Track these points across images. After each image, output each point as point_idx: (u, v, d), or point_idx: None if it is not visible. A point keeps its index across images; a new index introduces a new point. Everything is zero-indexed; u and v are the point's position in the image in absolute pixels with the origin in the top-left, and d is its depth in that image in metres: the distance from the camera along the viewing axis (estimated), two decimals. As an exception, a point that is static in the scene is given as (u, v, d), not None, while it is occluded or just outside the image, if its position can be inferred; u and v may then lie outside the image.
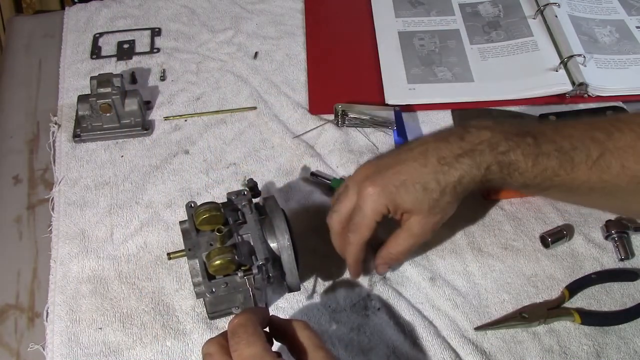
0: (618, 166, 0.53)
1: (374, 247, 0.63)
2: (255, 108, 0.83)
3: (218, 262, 0.54)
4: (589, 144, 0.54)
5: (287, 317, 0.63)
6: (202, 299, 0.60)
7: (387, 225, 0.61)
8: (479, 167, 0.54)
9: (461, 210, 0.71)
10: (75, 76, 0.88)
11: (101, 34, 0.93)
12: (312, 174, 0.75)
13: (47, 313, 0.65)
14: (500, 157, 0.54)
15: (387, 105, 0.82)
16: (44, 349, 0.62)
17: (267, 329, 0.50)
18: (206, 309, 0.60)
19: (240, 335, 0.46)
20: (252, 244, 0.57)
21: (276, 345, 0.50)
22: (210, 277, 0.56)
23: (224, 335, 0.48)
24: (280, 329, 0.50)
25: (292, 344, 0.48)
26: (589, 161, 0.54)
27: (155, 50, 0.91)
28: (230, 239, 0.57)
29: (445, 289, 0.65)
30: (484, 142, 0.55)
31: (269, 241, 0.58)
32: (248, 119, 0.82)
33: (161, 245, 0.70)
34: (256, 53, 0.91)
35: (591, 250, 0.68)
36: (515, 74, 0.85)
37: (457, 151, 0.55)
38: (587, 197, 0.58)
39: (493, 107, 0.82)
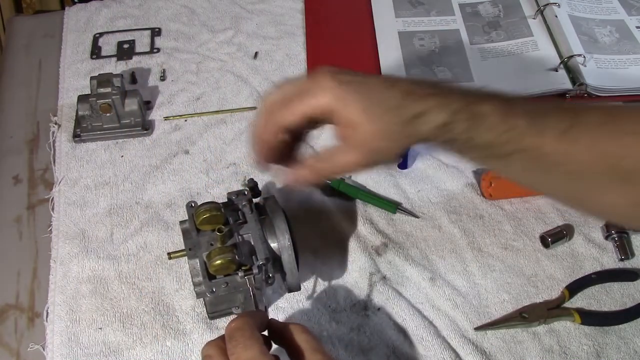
0: (587, 140, 0.50)
1: None
2: (255, 108, 0.83)
3: (219, 261, 0.54)
4: (560, 113, 0.51)
5: (287, 317, 0.64)
6: (202, 299, 0.60)
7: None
8: (446, 107, 0.50)
9: (461, 210, 0.72)
10: (75, 76, 0.88)
11: (101, 34, 0.93)
12: (312, 174, 0.75)
13: (47, 313, 0.65)
14: (471, 105, 0.50)
15: (387, 105, 0.82)
16: (44, 349, 0.62)
17: (265, 332, 0.50)
18: (206, 309, 0.60)
19: (238, 339, 0.46)
20: (252, 243, 0.57)
21: (274, 348, 0.50)
22: (210, 277, 0.56)
23: (223, 338, 0.48)
24: (279, 332, 0.49)
25: (290, 347, 0.48)
26: (558, 129, 0.50)
27: (155, 50, 0.91)
28: (231, 239, 0.57)
29: (445, 289, 0.65)
30: (455, 89, 0.51)
31: (269, 241, 0.58)
32: (248, 119, 0.82)
33: (161, 245, 0.70)
34: (256, 53, 0.91)
35: (591, 250, 0.68)
36: (515, 74, 0.85)
37: (427, 90, 0.51)
38: (548, 176, 0.53)
39: (493, 107, 0.82)
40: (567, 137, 0.50)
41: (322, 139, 0.79)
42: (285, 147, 0.54)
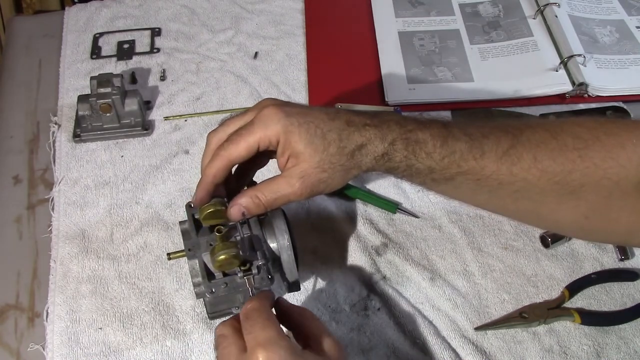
0: (529, 159, 0.51)
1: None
2: (255, 108, 0.83)
3: (222, 257, 0.53)
4: (501, 135, 0.53)
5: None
6: (202, 299, 0.60)
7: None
8: (384, 139, 0.52)
9: (461, 210, 0.72)
10: (75, 76, 0.88)
11: (101, 34, 0.93)
12: (312, 174, 0.75)
13: (47, 313, 0.65)
14: (408, 133, 0.52)
15: (387, 105, 0.82)
16: (44, 349, 0.62)
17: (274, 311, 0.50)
18: (206, 309, 0.60)
19: (255, 319, 0.46)
20: (251, 243, 0.57)
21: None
22: (210, 277, 0.55)
23: (237, 318, 0.48)
24: (286, 314, 0.50)
25: (299, 330, 0.49)
26: (499, 150, 0.52)
27: (155, 50, 0.91)
28: (230, 239, 0.57)
29: (445, 289, 0.65)
30: (393, 120, 0.53)
31: (268, 241, 0.58)
32: (248, 119, 0.82)
33: (161, 245, 0.70)
34: (256, 53, 0.91)
35: (591, 250, 0.68)
36: (515, 74, 0.85)
37: (366, 121, 0.53)
38: (496, 196, 0.54)
39: (493, 107, 0.82)
40: (508, 158, 0.52)
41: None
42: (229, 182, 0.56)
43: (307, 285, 0.66)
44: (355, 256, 0.68)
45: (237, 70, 0.89)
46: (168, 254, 0.61)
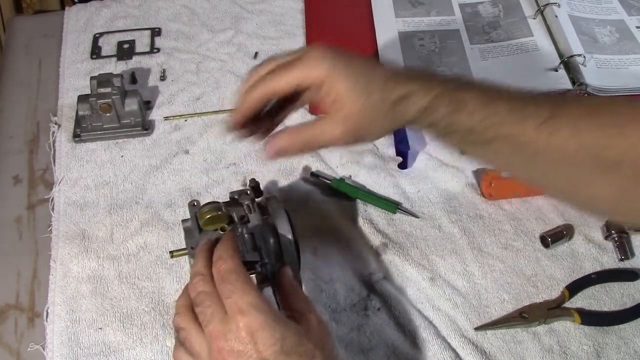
0: (568, 130, 0.50)
1: None
2: (255, 108, 0.83)
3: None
4: (541, 103, 0.52)
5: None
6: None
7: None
8: (428, 92, 0.51)
9: (461, 210, 0.72)
10: (75, 76, 0.88)
11: (101, 34, 0.93)
12: (312, 174, 0.75)
13: (47, 313, 0.65)
14: (451, 91, 0.52)
15: (387, 105, 0.82)
16: (44, 349, 0.62)
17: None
18: (206, 309, 0.60)
19: (233, 283, 0.44)
20: (255, 242, 0.57)
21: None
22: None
23: (206, 265, 0.47)
24: (280, 285, 0.50)
25: (285, 301, 0.48)
26: (538, 118, 0.51)
27: (155, 50, 0.91)
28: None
29: (445, 289, 0.65)
30: (438, 77, 0.53)
31: (271, 240, 0.58)
32: (248, 119, 0.82)
33: (161, 245, 0.70)
34: (256, 53, 0.91)
35: (591, 250, 0.68)
36: (515, 74, 0.85)
37: (411, 74, 0.52)
38: (531, 165, 0.54)
39: (493, 107, 0.82)
40: (547, 127, 0.51)
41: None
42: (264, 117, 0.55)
43: (308, 286, 0.66)
44: (355, 256, 0.68)
45: (237, 70, 0.89)
46: (171, 252, 0.61)
